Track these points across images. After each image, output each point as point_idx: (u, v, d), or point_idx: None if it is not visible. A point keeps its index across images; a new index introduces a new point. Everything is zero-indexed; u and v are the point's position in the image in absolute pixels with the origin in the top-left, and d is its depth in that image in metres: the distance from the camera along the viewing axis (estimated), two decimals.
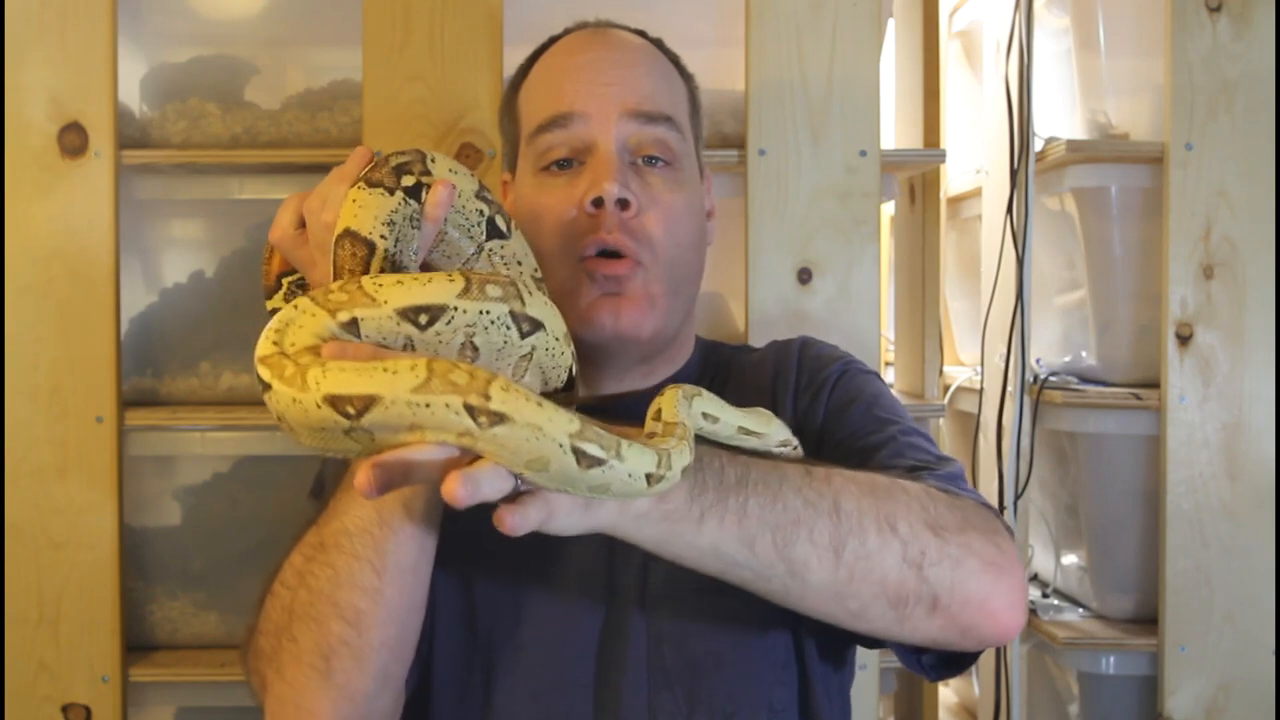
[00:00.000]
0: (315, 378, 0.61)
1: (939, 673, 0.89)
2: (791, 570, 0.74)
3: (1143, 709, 1.68)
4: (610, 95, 0.98)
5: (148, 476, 1.64)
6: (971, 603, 0.77)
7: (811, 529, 0.74)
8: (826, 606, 0.77)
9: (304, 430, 0.63)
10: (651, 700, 0.92)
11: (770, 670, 0.94)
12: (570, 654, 0.94)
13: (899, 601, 0.76)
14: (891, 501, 0.77)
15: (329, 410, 0.61)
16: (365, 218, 0.77)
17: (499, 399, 0.60)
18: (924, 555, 0.76)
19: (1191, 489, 1.62)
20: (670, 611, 0.93)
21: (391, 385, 0.60)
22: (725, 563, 0.74)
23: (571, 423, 0.62)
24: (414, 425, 0.61)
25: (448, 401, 0.60)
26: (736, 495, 0.73)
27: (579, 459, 0.62)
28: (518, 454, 0.62)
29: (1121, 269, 1.71)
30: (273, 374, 0.63)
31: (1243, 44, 1.61)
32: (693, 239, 1.02)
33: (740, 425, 0.80)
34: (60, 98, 1.53)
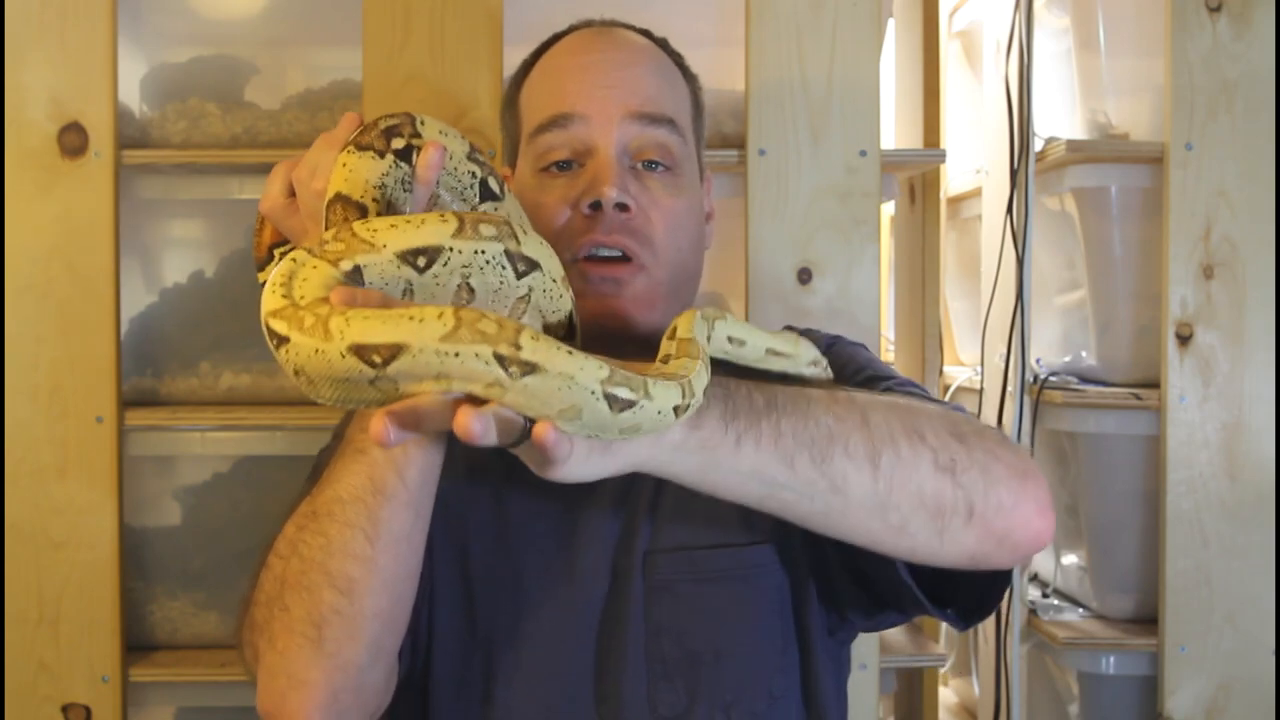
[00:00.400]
0: (339, 326, 0.60)
1: (967, 621, 0.89)
2: (833, 485, 0.74)
3: (1143, 709, 1.68)
4: (612, 98, 0.97)
5: (148, 476, 1.64)
6: (1005, 507, 0.77)
7: (846, 443, 0.74)
8: (870, 523, 0.76)
9: (325, 382, 0.62)
10: (651, 691, 0.92)
11: (769, 658, 0.95)
12: (570, 646, 0.94)
13: (937, 512, 0.76)
14: (914, 415, 0.78)
15: (354, 359, 0.60)
16: (356, 181, 0.76)
17: (530, 348, 0.60)
18: (954, 462, 0.76)
19: (1191, 489, 1.62)
20: (669, 602, 0.94)
21: (419, 333, 0.59)
22: (767, 484, 0.74)
23: (601, 369, 0.62)
24: (441, 374, 0.60)
25: (477, 351, 0.59)
26: (768, 417, 0.73)
27: (611, 404, 0.62)
28: (549, 403, 0.61)
29: (1121, 269, 1.71)
30: (290, 326, 0.62)
31: (1243, 44, 1.61)
32: (692, 242, 1.02)
33: (768, 347, 0.79)
34: (60, 98, 1.53)
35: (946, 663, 1.95)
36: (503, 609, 0.95)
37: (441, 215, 0.69)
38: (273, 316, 0.63)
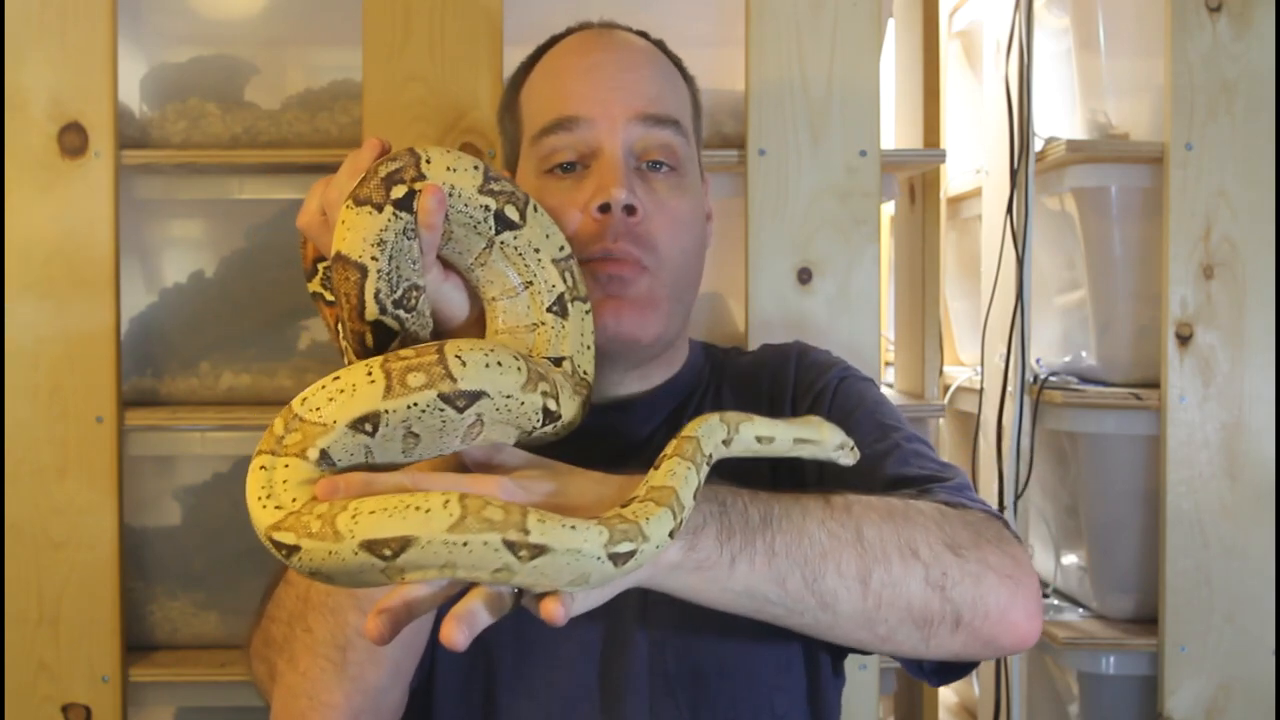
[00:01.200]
0: (347, 526, 0.61)
1: (941, 678, 0.90)
2: (822, 603, 0.75)
3: (1143, 709, 1.68)
4: (616, 99, 0.97)
5: (148, 476, 1.64)
6: (992, 616, 0.78)
7: (839, 561, 0.75)
8: (856, 634, 0.78)
9: (341, 576, 0.63)
10: (654, 706, 0.92)
11: (772, 676, 0.95)
12: (573, 660, 0.94)
13: (924, 623, 0.77)
14: (910, 526, 0.78)
15: (366, 555, 0.61)
16: (354, 241, 0.75)
17: (537, 531, 0.61)
18: (945, 576, 0.77)
19: (1191, 489, 1.62)
20: (672, 619, 0.93)
21: (426, 526, 0.60)
22: (759, 601, 0.75)
23: (601, 533, 0.63)
24: (448, 564, 0.61)
25: (486, 539, 0.60)
26: (763, 535, 0.74)
27: (615, 562, 0.64)
28: (558, 579, 0.63)
29: (1121, 269, 1.71)
30: (297, 535, 0.62)
31: (1243, 44, 1.61)
32: (695, 244, 1.02)
33: (796, 437, 0.79)
34: (60, 98, 1.53)
35: None
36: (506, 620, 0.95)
37: (368, 372, 0.68)
38: (275, 530, 0.63)
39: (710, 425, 0.74)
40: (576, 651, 0.94)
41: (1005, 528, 0.84)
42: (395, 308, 0.76)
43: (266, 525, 0.64)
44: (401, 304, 0.76)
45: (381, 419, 0.68)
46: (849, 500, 0.79)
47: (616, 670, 0.93)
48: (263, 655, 0.87)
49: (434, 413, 0.68)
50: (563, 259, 0.82)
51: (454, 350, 0.69)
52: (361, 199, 0.75)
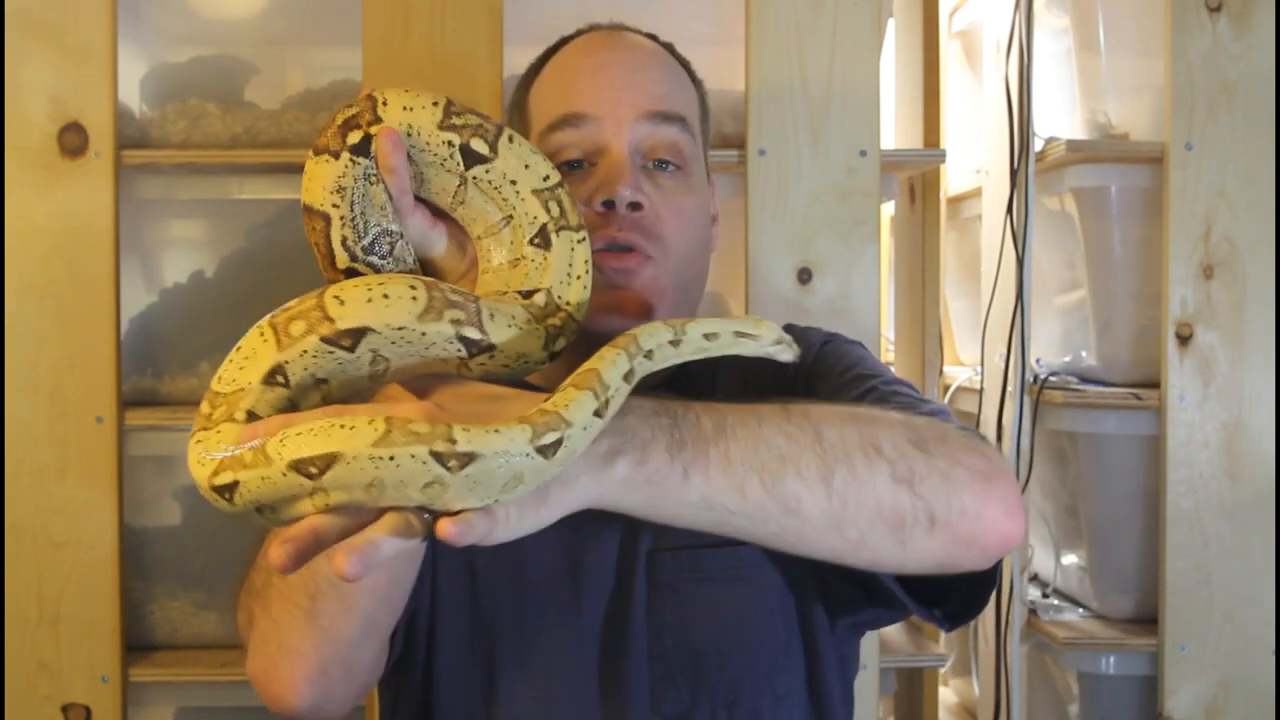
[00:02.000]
0: (275, 449, 0.61)
1: (952, 623, 0.89)
2: (785, 508, 0.73)
3: (1143, 709, 1.68)
4: (624, 99, 0.97)
5: (148, 476, 1.64)
6: (968, 512, 0.75)
7: (798, 464, 0.73)
8: (827, 541, 0.75)
9: (282, 504, 0.63)
10: (654, 689, 0.93)
11: (771, 657, 0.95)
12: (573, 643, 0.94)
13: (897, 524, 0.74)
14: (872, 425, 0.76)
15: (294, 475, 0.61)
16: (314, 189, 0.75)
17: (464, 440, 0.60)
18: (913, 473, 0.75)
19: (1191, 489, 1.62)
20: (671, 601, 0.94)
21: (351, 441, 0.60)
22: (718, 513, 0.73)
23: (524, 430, 0.62)
24: (375, 480, 0.60)
25: (413, 452, 0.59)
26: (716, 444, 0.72)
27: (545, 454, 0.62)
28: (491, 485, 0.61)
29: (1121, 269, 1.71)
30: (234, 470, 0.63)
31: (1243, 44, 1.61)
32: (701, 242, 1.02)
33: (736, 330, 0.78)
34: (60, 98, 1.53)
35: (946, 663, 1.95)
36: (507, 604, 0.96)
37: (260, 332, 0.69)
38: (214, 477, 0.64)
39: (653, 327, 0.74)
40: (576, 637, 0.94)
41: (978, 436, 0.82)
42: (367, 254, 0.76)
43: (206, 476, 0.64)
44: (373, 250, 0.76)
45: (286, 371, 0.68)
46: (807, 407, 0.77)
47: (616, 655, 0.93)
48: (244, 603, 0.88)
49: (325, 356, 0.68)
50: (546, 189, 0.79)
51: (334, 291, 0.70)
52: (320, 148, 0.75)
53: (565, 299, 0.77)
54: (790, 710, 0.95)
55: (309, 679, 0.83)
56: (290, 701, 0.84)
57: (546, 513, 0.67)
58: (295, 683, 0.83)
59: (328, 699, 0.85)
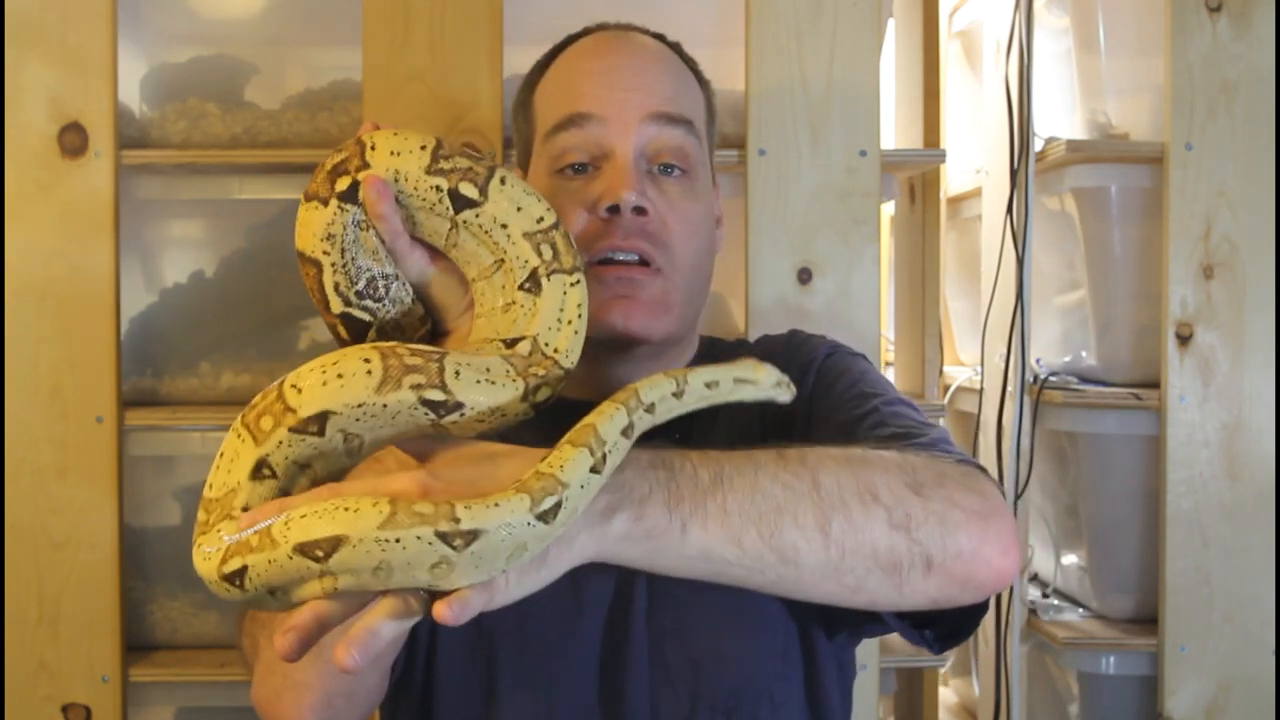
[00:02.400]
0: (280, 532, 0.61)
1: (943, 645, 0.89)
2: (783, 558, 0.73)
3: (1143, 709, 1.68)
4: (630, 101, 0.97)
5: (148, 476, 1.64)
6: (964, 554, 0.76)
7: (795, 513, 0.73)
8: (824, 587, 0.76)
9: (289, 586, 0.63)
10: (654, 696, 0.93)
11: (769, 664, 0.95)
12: (574, 650, 0.94)
13: (893, 568, 0.75)
14: (869, 470, 0.76)
15: (300, 559, 0.61)
16: (305, 236, 0.75)
17: (467, 517, 0.60)
18: (909, 518, 0.75)
19: (1191, 489, 1.62)
20: (671, 608, 0.94)
21: (356, 524, 0.60)
22: (716, 564, 0.73)
23: (523, 499, 0.62)
24: (382, 564, 0.60)
25: (419, 534, 0.59)
26: (713, 496, 0.72)
27: (546, 519, 0.62)
28: (497, 558, 0.62)
29: (1121, 269, 1.71)
30: (242, 556, 0.63)
31: (1243, 44, 1.61)
32: (706, 247, 1.02)
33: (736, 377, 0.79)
34: (60, 98, 1.53)
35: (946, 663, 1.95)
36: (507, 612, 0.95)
37: (238, 435, 0.69)
38: (223, 565, 0.64)
39: (655, 380, 0.73)
40: (577, 645, 0.94)
41: (976, 470, 0.82)
42: (361, 299, 0.76)
43: (215, 567, 0.64)
44: (368, 294, 0.76)
45: (270, 463, 0.68)
46: (804, 451, 0.77)
47: (617, 663, 0.93)
48: (249, 630, 0.88)
49: (299, 444, 0.68)
50: (539, 231, 0.77)
51: (291, 380, 0.69)
52: (310, 194, 0.75)
53: (553, 346, 0.76)
54: (789, 718, 0.95)
55: (313, 709, 0.83)
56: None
57: (546, 573, 0.68)
58: (300, 713, 0.83)
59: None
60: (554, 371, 0.75)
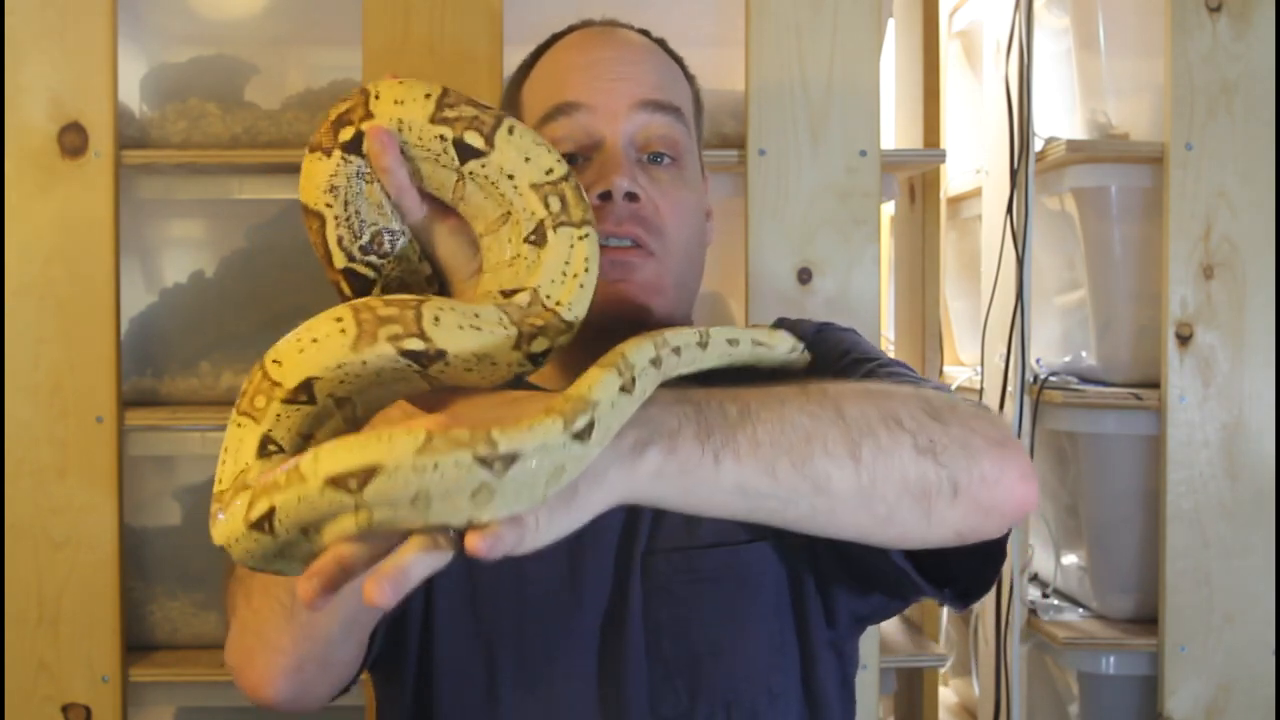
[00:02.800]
0: (309, 466, 0.58)
1: (964, 600, 0.89)
2: (816, 487, 0.72)
3: (1143, 709, 1.68)
4: (618, 90, 0.97)
5: (148, 476, 1.64)
6: (989, 480, 0.76)
7: (825, 441, 0.72)
8: (856, 518, 0.75)
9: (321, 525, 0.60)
10: (653, 691, 0.93)
11: (766, 655, 0.95)
12: (573, 647, 0.94)
13: (923, 495, 0.74)
14: (889, 400, 0.76)
15: (333, 491, 0.57)
16: (309, 188, 0.73)
17: (503, 440, 0.57)
18: (934, 443, 0.75)
19: (1191, 489, 1.62)
20: (667, 603, 0.94)
21: (392, 452, 0.56)
22: (751, 498, 0.71)
23: (555, 420, 0.59)
24: (420, 494, 0.57)
25: (457, 459, 0.56)
26: (743, 428, 0.71)
27: (582, 439, 0.60)
28: (536, 484, 0.59)
29: (1121, 269, 1.71)
30: (270, 497, 0.59)
31: (1243, 44, 1.61)
32: (697, 235, 1.02)
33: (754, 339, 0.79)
34: (60, 98, 1.53)
35: (946, 663, 1.95)
36: (506, 608, 0.96)
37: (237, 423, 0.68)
38: (250, 511, 0.60)
39: (678, 329, 0.73)
40: (576, 641, 0.94)
41: (984, 406, 0.83)
42: (365, 254, 0.74)
43: (242, 517, 0.61)
44: (371, 249, 0.75)
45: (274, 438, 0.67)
46: (824, 385, 0.77)
47: (615, 658, 0.94)
48: (230, 589, 0.88)
49: (296, 414, 0.66)
50: (548, 182, 0.74)
51: (271, 356, 0.67)
52: (314, 145, 0.73)
53: (554, 298, 0.73)
54: (787, 707, 0.95)
55: (285, 673, 0.83)
56: (265, 694, 0.85)
57: (578, 514, 0.65)
58: (271, 676, 0.83)
59: (303, 693, 0.86)
60: (554, 323, 0.72)
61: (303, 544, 0.61)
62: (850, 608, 0.98)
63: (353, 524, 0.58)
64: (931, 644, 1.81)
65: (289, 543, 0.61)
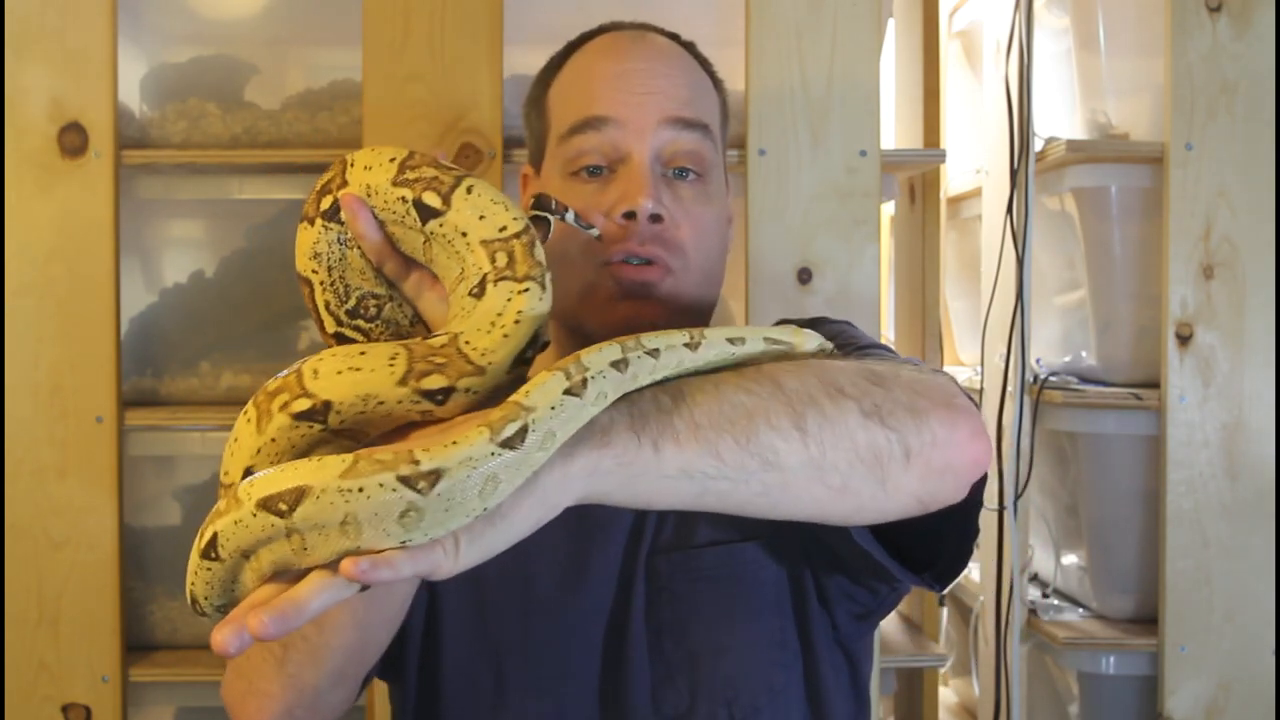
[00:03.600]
0: (245, 491, 0.59)
1: (943, 581, 0.88)
2: (765, 462, 0.70)
3: (1143, 709, 1.68)
4: (648, 105, 0.97)
5: (148, 476, 1.64)
6: (940, 440, 0.74)
7: (767, 415, 0.71)
8: (811, 491, 0.73)
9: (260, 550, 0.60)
10: (655, 692, 0.94)
11: (766, 652, 0.95)
12: (578, 650, 0.95)
13: (875, 461, 0.73)
14: (828, 371, 0.75)
15: (265, 514, 0.58)
16: (299, 256, 0.76)
17: (425, 457, 0.58)
18: (879, 407, 0.73)
19: (1191, 489, 1.62)
20: (668, 603, 0.94)
21: (319, 474, 0.58)
22: (699, 480, 0.70)
23: (481, 431, 0.59)
24: (349, 518, 0.57)
25: (381, 480, 0.57)
26: (679, 413, 0.69)
27: (511, 445, 0.59)
28: (468, 498, 0.59)
29: (1121, 269, 1.71)
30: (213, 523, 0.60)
31: (1243, 44, 1.61)
32: (718, 250, 1.02)
33: (765, 336, 0.77)
34: (60, 98, 1.53)
35: (946, 663, 1.95)
36: (512, 612, 0.96)
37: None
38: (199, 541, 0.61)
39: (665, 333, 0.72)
40: (580, 642, 0.95)
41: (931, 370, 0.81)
42: (352, 318, 0.76)
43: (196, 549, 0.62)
44: (359, 314, 0.76)
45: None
46: (760, 365, 0.75)
47: (619, 660, 0.94)
48: None
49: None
50: (499, 239, 0.73)
51: (222, 465, 0.69)
52: (303, 214, 0.76)
53: (472, 344, 0.70)
54: (788, 705, 0.96)
55: (275, 717, 0.85)
56: None
57: (512, 527, 0.63)
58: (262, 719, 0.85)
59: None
60: (458, 364, 0.68)
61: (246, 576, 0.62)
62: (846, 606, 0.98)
63: (288, 550, 0.59)
64: (931, 644, 1.81)
65: (233, 570, 0.62)
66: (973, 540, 0.86)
